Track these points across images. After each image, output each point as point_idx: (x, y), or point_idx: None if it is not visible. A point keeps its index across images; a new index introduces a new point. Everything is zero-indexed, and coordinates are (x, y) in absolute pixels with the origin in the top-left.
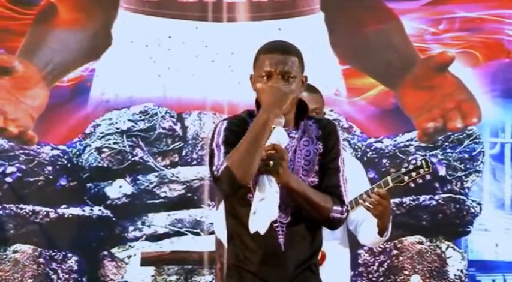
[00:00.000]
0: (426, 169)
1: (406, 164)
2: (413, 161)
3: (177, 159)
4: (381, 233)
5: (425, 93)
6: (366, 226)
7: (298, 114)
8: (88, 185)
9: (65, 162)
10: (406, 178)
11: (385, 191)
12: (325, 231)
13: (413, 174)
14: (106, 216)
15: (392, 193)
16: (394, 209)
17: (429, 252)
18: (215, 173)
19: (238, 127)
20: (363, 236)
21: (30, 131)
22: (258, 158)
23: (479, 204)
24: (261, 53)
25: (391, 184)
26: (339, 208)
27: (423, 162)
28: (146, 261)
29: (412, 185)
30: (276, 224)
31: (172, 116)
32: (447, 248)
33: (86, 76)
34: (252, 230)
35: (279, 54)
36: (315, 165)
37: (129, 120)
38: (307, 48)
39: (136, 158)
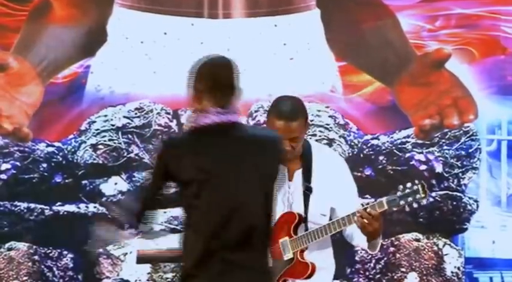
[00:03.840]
0: (423, 195)
1: (402, 187)
2: (409, 185)
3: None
4: (370, 247)
5: (421, 90)
6: (355, 234)
7: None
8: (83, 182)
9: (60, 159)
10: (401, 202)
11: (377, 212)
12: (316, 244)
13: (409, 199)
14: (101, 213)
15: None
16: None
17: (426, 250)
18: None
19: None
20: (350, 239)
21: (25, 128)
22: None
23: (476, 201)
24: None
25: (385, 207)
26: None
27: (419, 187)
28: (142, 258)
29: (407, 209)
30: None
31: (168, 113)
32: (444, 245)
33: (81, 73)
34: None
35: None
36: None
37: (124, 117)
38: (303, 45)
39: (132, 155)
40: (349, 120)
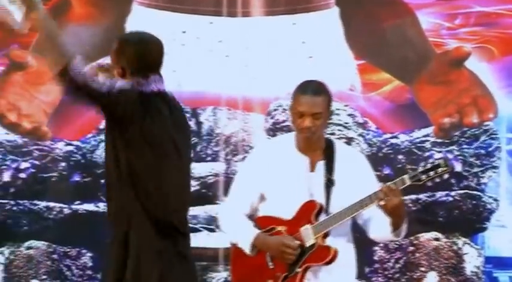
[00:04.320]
0: (444, 168)
1: (424, 163)
2: (431, 160)
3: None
4: (394, 232)
5: (441, 89)
6: (377, 221)
7: None
8: (102, 181)
9: (79, 158)
10: (423, 177)
11: (396, 187)
12: (335, 229)
13: (431, 173)
14: None
15: (408, 190)
16: (410, 205)
17: (445, 249)
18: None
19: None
20: (373, 231)
21: (44, 126)
22: None
23: (495, 200)
24: None
25: (408, 182)
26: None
27: (441, 161)
28: None
29: (430, 183)
30: None
31: (187, 112)
32: (464, 245)
33: None
34: None
35: None
36: None
37: None
38: (322, 43)
39: None
40: (368, 119)
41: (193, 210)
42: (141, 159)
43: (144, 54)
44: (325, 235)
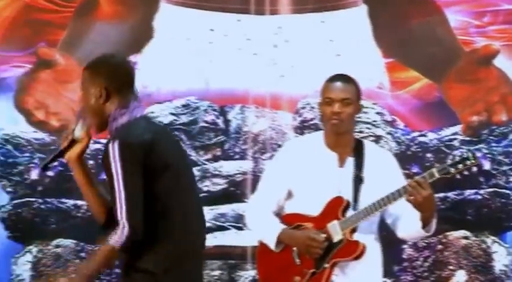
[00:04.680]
0: (472, 161)
1: (452, 157)
2: (459, 154)
3: (219, 153)
4: (424, 226)
5: (469, 87)
6: (406, 218)
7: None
8: None
9: None
10: (452, 170)
11: (425, 180)
12: (362, 225)
13: (460, 166)
14: None
15: (436, 188)
16: (439, 203)
17: (474, 247)
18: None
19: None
20: (402, 229)
21: (72, 124)
22: None
23: None
24: None
25: (436, 175)
26: (118, 237)
27: (469, 154)
28: None
29: (458, 176)
30: None
31: (215, 110)
32: (492, 243)
33: None
34: None
35: None
36: None
37: (171, 113)
38: (350, 41)
39: None
40: (396, 117)
41: (221, 209)
42: (160, 184)
43: (121, 68)
44: (353, 230)
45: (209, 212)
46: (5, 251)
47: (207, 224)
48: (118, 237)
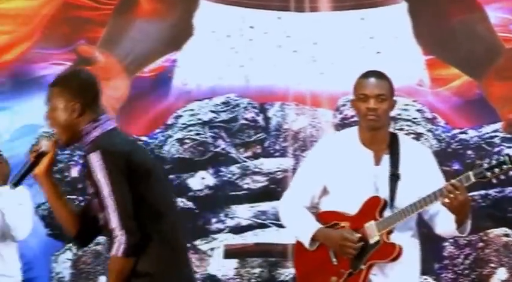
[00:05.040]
0: (510, 165)
1: (488, 160)
2: (496, 157)
3: (259, 151)
4: (458, 228)
5: (509, 84)
6: (442, 217)
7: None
8: (170, 176)
9: None
10: (488, 174)
11: (461, 184)
12: (400, 225)
13: (496, 170)
14: (188, 208)
15: (477, 185)
16: (479, 201)
17: None
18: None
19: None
20: (438, 227)
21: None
22: None
23: None
24: None
25: (472, 179)
26: (117, 246)
27: (506, 158)
28: (229, 253)
29: (494, 181)
30: None
31: (255, 107)
32: None
33: (167, 67)
34: None
35: None
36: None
37: (211, 111)
38: (391, 38)
39: (219, 149)
40: (436, 114)
41: (261, 206)
42: (145, 188)
43: (91, 83)
44: (390, 232)
45: (250, 210)
46: (45, 248)
47: (248, 222)
48: (118, 246)
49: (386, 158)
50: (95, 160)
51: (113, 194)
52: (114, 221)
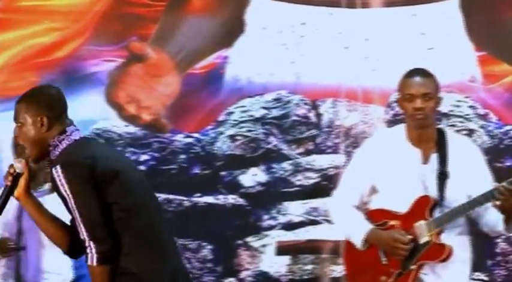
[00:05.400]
0: None
1: None
2: None
3: (311, 147)
4: (506, 228)
5: None
6: (490, 216)
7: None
8: (222, 173)
9: (199, 150)
10: None
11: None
12: (453, 235)
13: None
14: (240, 205)
15: None
16: None
17: None
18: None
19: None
20: (485, 226)
21: (163, 118)
22: None
23: None
24: None
25: None
26: (90, 256)
27: None
28: (281, 250)
29: None
30: None
31: (306, 104)
32: None
33: (219, 63)
34: None
35: None
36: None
37: (262, 107)
38: (442, 35)
39: (270, 146)
40: (489, 111)
41: (313, 203)
42: (117, 190)
43: (58, 96)
44: (440, 232)
45: (301, 206)
46: None
47: (300, 218)
48: (91, 256)
49: (434, 156)
50: (57, 174)
51: (78, 206)
52: (83, 232)
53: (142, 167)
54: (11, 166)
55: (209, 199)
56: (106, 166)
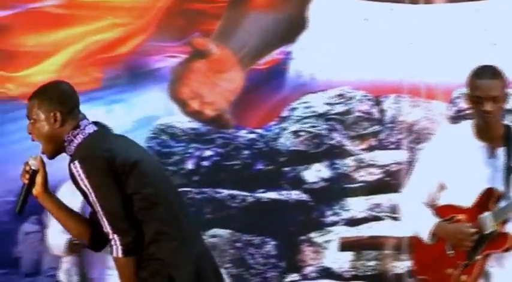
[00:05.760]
0: None
1: None
2: None
3: (374, 143)
4: None
5: None
6: None
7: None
8: (285, 169)
9: (262, 145)
10: None
11: None
12: None
13: None
14: (303, 201)
15: None
16: None
17: None
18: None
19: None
20: None
21: (226, 114)
22: None
23: None
24: None
25: None
26: (114, 248)
27: None
28: (345, 246)
29: None
30: None
31: (370, 99)
32: None
33: (282, 59)
34: None
35: None
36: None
37: (325, 103)
38: (506, 30)
39: (334, 142)
40: None
41: (376, 199)
42: (137, 180)
43: (70, 92)
44: (505, 221)
45: (365, 202)
46: None
47: (363, 214)
48: (115, 248)
49: (500, 151)
50: (76, 169)
51: (99, 200)
52: (106, 225)
53: (205, 163)
54: (26, 163)
55: (272, 195)
56: (125, 158)
